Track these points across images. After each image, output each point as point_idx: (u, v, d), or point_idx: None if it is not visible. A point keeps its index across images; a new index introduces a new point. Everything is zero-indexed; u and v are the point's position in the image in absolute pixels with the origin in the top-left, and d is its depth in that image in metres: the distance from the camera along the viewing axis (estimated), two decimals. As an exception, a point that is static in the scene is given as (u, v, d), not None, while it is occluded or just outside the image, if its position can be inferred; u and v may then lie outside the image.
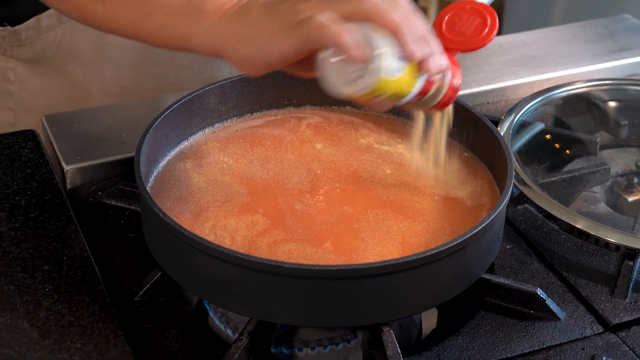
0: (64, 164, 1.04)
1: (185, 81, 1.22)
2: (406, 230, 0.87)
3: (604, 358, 0.84)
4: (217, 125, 1.01)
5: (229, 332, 0.88)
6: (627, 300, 0.90)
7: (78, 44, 1.18)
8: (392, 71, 0.76)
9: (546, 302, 0.88)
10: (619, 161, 1.10)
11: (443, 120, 0.91)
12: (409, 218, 0.89)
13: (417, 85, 0.80)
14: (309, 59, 0.79)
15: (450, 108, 0.89)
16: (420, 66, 0.77)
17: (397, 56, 0.76)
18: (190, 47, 0.83)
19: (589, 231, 0.94)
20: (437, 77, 0.81)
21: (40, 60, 1.19)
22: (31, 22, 1.17)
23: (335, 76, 0.78)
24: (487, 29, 0.84)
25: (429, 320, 0.90)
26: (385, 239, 0.86)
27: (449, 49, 0.84)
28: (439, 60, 0.79)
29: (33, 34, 1.17)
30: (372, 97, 0.78)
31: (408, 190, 0.93)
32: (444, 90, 0.83)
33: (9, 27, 1.16)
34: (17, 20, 1.16)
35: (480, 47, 0.84)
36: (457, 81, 0.84)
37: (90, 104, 1.21)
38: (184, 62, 1.21)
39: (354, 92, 0.77)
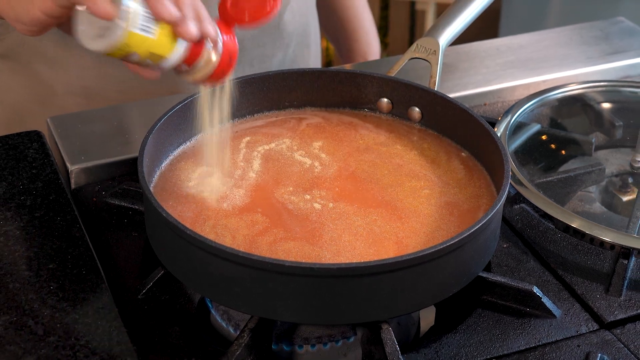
0: (68, 164, 1.05)
1: (148, 85, 1.20)
2: (403, 230, 0.88)
3: (599, 355, 0.84)
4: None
5: (231, 329, 0.88)
6: (621, 298, 0.91)
7: (43, 41, 1.17)
8: (140, 29, 0.78)
9: (542, 300, 0.88)
10: (613, 161, 1.10)
11: (223, 98, 0.92)
12: (407, 218, 0.89)
13: (178, 50, 0.80)
14: None
15: (228, 86, 0.89)
16: (175, 30, 0.79)
17: (148, 16, 0.79)
18: None
19: (584, 230, 0.95)
20: (207, 47, 0.82)
21: (10, 55, 1.19)
22: None
23: (86, 31, 0.80)
24: (267, 6, 0.85)
25: (427, 317, 0.91)
26: (383, 238, 0.87)
27: (229, 23, 0.85)
28: (195, 26, 0.80)
29: (1, 30, 1.17)
30: (123, 55, 0.80)
31: (406, 190, 0.93)
32: (215, 61, 0.83)
33: None
34: None
35: (259, 21, 0.85)
36: (232, 55, 0.85)
37: (56, 101, 1.21)
38: None
39: (103, 47, 0.79)
